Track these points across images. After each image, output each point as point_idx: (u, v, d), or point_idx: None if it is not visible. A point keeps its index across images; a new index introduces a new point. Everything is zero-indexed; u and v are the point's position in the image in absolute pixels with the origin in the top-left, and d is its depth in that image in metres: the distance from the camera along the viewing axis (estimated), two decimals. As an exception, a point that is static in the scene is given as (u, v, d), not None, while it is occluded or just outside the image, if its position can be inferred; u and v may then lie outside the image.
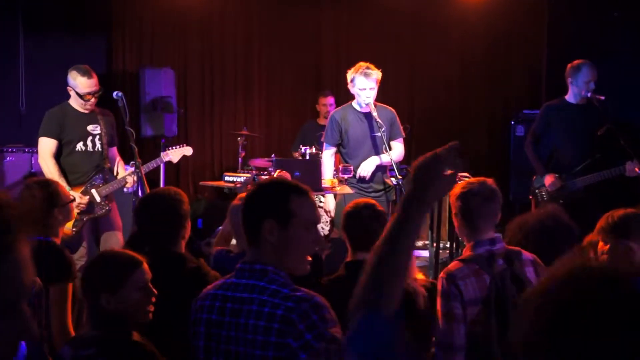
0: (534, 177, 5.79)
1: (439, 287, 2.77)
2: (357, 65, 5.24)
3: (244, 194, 2.71)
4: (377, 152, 5.33)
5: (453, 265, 2.81)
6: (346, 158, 5.47)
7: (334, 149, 5.51)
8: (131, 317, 2.44)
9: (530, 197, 5.81)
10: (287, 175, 4.89)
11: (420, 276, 3.28)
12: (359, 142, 5.39)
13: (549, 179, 5.60)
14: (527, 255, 2.85)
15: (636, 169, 5.25)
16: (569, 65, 5.63)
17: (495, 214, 2.90)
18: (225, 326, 2.11)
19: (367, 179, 5.31)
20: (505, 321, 2.68)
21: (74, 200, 3.76)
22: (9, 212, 1.06)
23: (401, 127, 5.49)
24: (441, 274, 2.79)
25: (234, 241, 3.70)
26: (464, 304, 2.70)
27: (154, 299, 2.50)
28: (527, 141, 5.83)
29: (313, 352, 1.95)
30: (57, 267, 2.98)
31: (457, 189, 2.88)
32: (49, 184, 3.54)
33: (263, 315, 2.03)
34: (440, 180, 1.56)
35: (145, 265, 2.51)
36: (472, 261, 2.79)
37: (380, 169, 5.38)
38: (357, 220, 3.12)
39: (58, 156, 5.06)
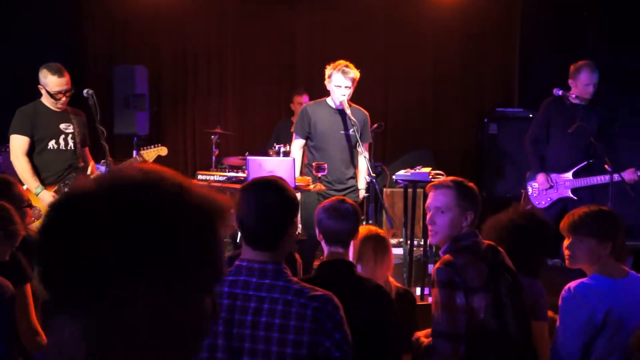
0: (528, 173, 5.89)
1: (434, 277, 2.77)
2: (337, 63, 5.29)
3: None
4: (348, 149, 5.39)
5: (447, 257, 2.82)
6: (312, 151, 5.48)
7: (302, 141, 5.52)
8: None
9: (522, 191, 5.94)
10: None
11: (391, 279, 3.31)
12: (326, 136, 5.41)
13: (540, 178, 5.69)
14: (501, 249, 2.93)
15: (626, 178, 5.33)
16: (572, 66, 5.66)
17: None
18: (248, 325, 2.14)
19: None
20: (503, 308, 2.74)
21: (29, 205, 3.60)
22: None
23: (370, 132, 5.55)
24: (438, 265, 2.79)
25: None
26: (468, 292, 2.72)
27: None
28: (527, 136, 5.88)
29: (343, 352, 2.09)
30: (16, 272, 2.91)
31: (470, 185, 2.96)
32: (7, 184, 3.38)
33: (292, 315, 2.10)
34: None
35: None
36: (465, 252, 2.82)
37: (351, 165, 5.44)
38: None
39: (29, 154, 4.98)
